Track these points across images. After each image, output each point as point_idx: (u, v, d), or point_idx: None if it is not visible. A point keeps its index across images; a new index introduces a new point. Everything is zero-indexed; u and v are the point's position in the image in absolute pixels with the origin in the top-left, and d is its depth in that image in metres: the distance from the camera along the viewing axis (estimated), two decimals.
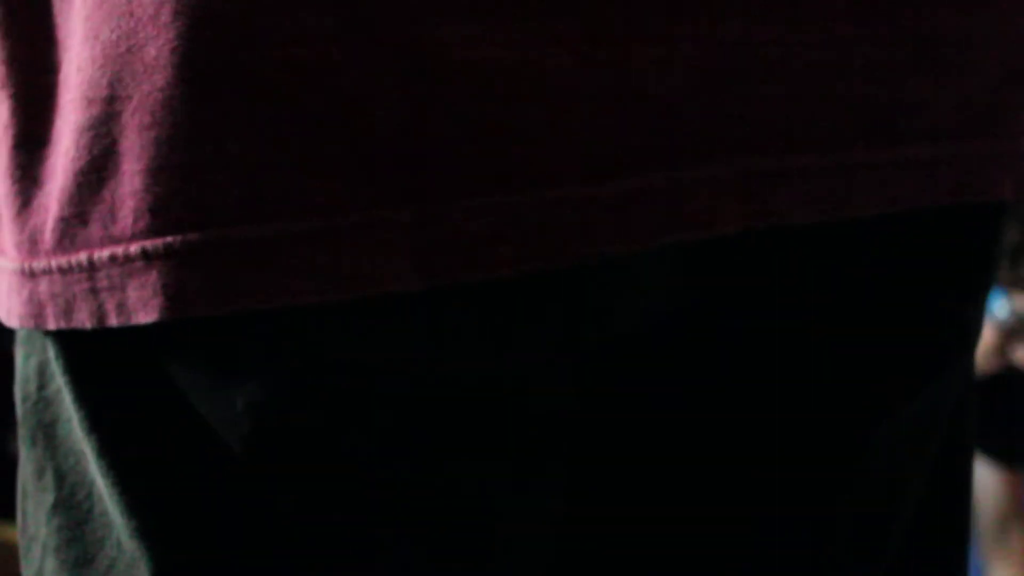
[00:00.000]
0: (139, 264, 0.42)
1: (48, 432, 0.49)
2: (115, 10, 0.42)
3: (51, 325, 0.46)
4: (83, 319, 0.44)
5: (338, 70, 0.40)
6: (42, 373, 0.49)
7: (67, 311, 0.45)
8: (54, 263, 0.45)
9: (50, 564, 0.49)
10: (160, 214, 0.41)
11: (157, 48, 0.41)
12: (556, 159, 0.41)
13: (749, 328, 0.45)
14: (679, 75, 0.42)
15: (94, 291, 0.44)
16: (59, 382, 0.48)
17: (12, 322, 0.48)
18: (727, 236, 0.43)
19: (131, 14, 0.41)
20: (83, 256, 0.44)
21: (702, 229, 0.42)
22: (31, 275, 0.46)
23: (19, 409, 0.51)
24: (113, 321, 0.43)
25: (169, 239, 0.41)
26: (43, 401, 0.49)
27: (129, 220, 0.42)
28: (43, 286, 0.46)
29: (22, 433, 0.50)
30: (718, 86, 0.42)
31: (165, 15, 0.40)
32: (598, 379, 0.44)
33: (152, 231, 0.42)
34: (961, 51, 0.45)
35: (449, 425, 0.43)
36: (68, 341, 0.46)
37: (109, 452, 0.46)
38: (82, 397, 0.46)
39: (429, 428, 0.43)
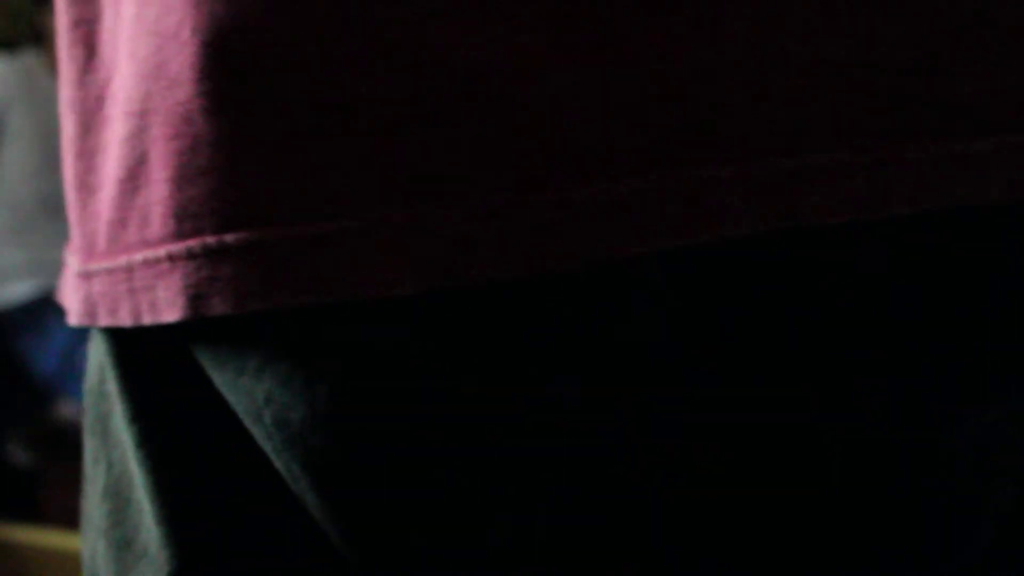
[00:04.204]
0: (165, 266, 0.45)
1: (104, 423, 0.53)
2: (147, 29, 0.46)
3: (101, 323, 0.50)
4: (124, 317, 0.48)
5: (338, 73, 0.42)
6: (102, 369, 0.53)
7: (113, 310, 0.49)
8: (103, 265, 0.49)
9: (101, 545, 0.53)
10: (182, 220, 0.45)
11: (179, 64, 0.44)
12: (555, 160, 0.41)
13: (777, 341, 0.43)
14: (684, 70, 0.41)
15: (132, 291, 0.47)
16: (111, 377, 0.52)
17: (73, 320, 0.52)
18: (745, 239, 0.41)
19: (158, 33, 0.45)
20: (124, 259, 0.48)
21: (709, 231, 0.41)
22: (87, 276, 0.51)
23: (85, 401, 0.55)
24: (146, 319, 0.47)
25: (190, 243, 0.45)
26: (102, 395, 0.53)
27: (158, 225, 0.46)
28: (96, 287, 0.50)
29: (85, 423, 0.55)
30: (728, 81, 0.41)
31: (184, 33, 0.44)
32: (613, 387, 0.43)
33: (176, 235, 0.45)
34: (1008, 32, 0.43)
35: (450, 431, 0.44)
36: (117, 338, 0.51)
37: (145, 443, 0.49)
38: (126, 391, 0.50)
39: (429, 430, 0.44)
